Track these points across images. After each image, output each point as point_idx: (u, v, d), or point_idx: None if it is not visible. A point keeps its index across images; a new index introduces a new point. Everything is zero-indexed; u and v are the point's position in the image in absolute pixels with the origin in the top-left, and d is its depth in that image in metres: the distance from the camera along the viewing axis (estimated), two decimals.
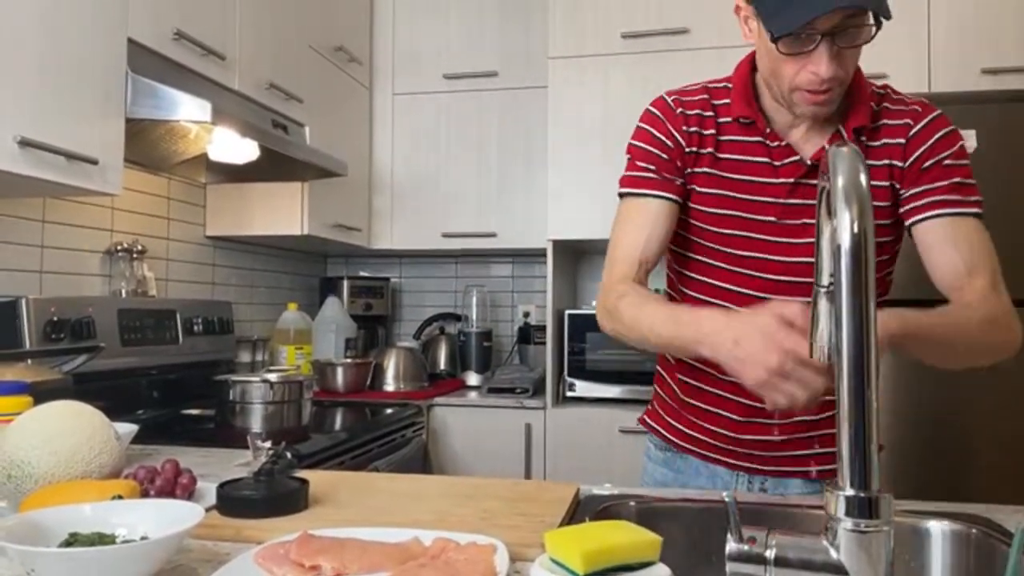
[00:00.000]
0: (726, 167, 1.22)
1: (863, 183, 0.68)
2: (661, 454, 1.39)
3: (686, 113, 1.25)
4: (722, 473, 1.31)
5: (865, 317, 0.66)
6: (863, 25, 1.07)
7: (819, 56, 1.07)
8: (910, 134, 1.18)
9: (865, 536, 0.65)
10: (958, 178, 1.18)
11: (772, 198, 1.20)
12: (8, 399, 1.18)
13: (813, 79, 1.09)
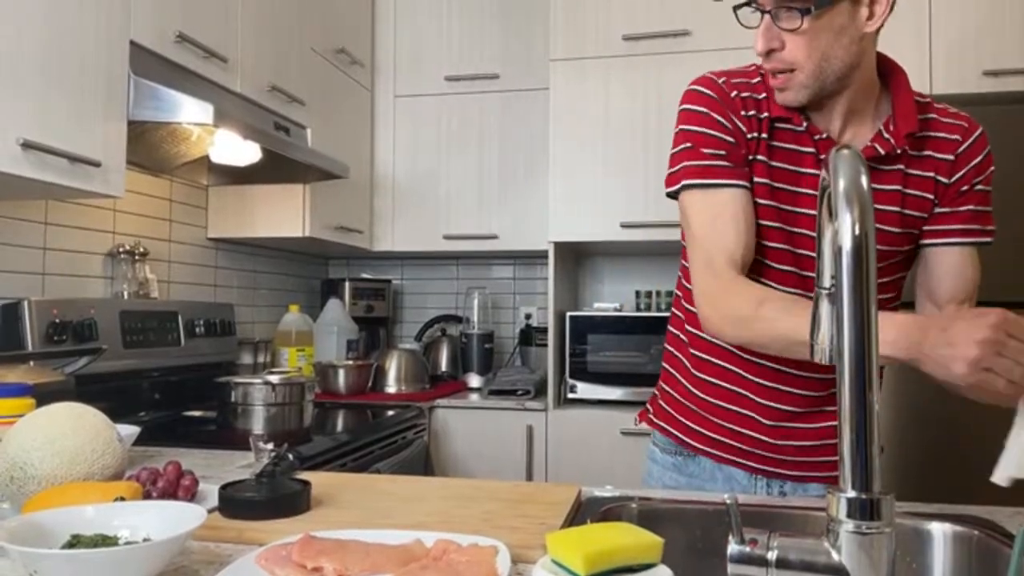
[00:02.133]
0: (779, 156, 1.17)
1: (864, 185, 0.68)
2: (670, 457, 1.34)
3: (741, 96, 1.19)
4: (739, 477, 1.27)
5: (866, 319, 0.67)
6: (790, 7, 1.06)
7: (758, 30, 1.09)
8: (959, 151, 1.18)
9: (867, 538, 0.65)
10: (984, 206, 1.20)
11: (815, 191, 1.15)
12: (11, 401, 1.18)
13: (759, 57, 1.11)
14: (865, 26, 1.09)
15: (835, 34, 1.08)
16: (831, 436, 1.22)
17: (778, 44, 1.10)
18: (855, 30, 1.08)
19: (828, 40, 1.08)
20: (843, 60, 1.10)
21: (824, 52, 1.09)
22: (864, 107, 1.16)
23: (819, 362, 0.84)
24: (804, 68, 1.10)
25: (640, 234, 2.57)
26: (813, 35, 1.08)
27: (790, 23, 1.07)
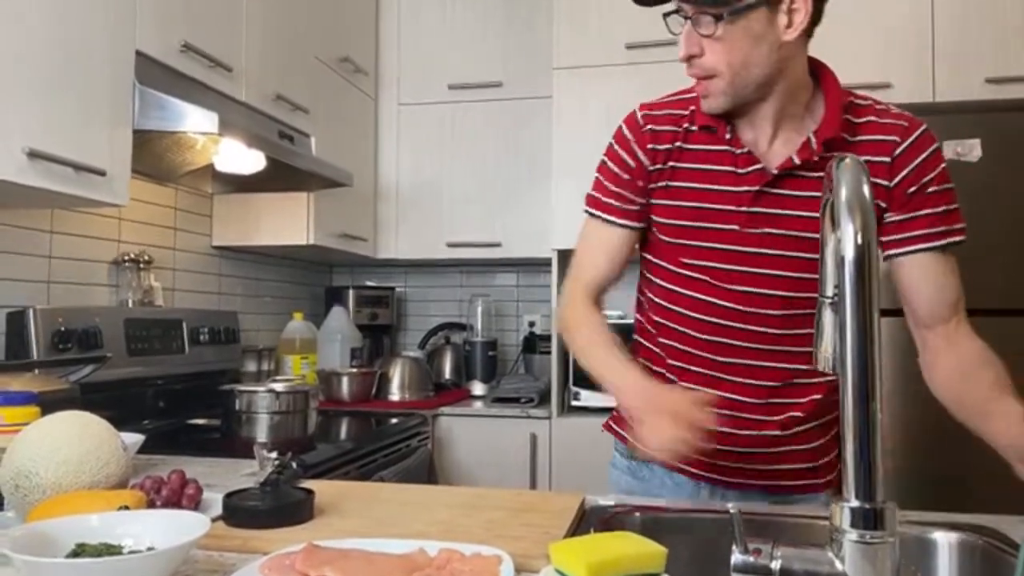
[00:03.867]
0: (689, 176, 1.21)
1: (866, 195, 0.68)
2: (626, 462, 1.38)
3: (654, 129, 1.24)
4: (685, 484, 1.29)
5: (869, 328, 0.67)
6: (705, 13, 1.08)
7: (680, 37, 1.12)
8: (896, 152, 1.15)
9: (870, 547, 0.65)
10: (943, 207, 1.15)
11: (735, 207, 1.17)
12: (16, 409, 1.18)
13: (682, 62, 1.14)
14: (784, 34, 1.09)
15: (752, 41, 1.08)
16: (768, 444, 1.23)
17: (698, 50, 1.12)
18: (774, 38, 1.08)
19: (745, 47, 1.09)
20: (762, 68, 1.10)
21: (742, 59, 1.09)
22: (795, 113, 1.16)
23: (822, 371, 0.84)
24: (723, 75, 1.11)
25: None
26: (730, 42, 1.09)
27: (707, 29, 1.08)
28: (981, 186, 2.23)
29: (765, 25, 1.07)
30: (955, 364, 1.21)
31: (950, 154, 2.24)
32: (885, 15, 2.44)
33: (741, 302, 1.19)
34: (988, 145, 2.23)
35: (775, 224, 1.16)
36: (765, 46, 1.08)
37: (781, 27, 1.08)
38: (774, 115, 1.15)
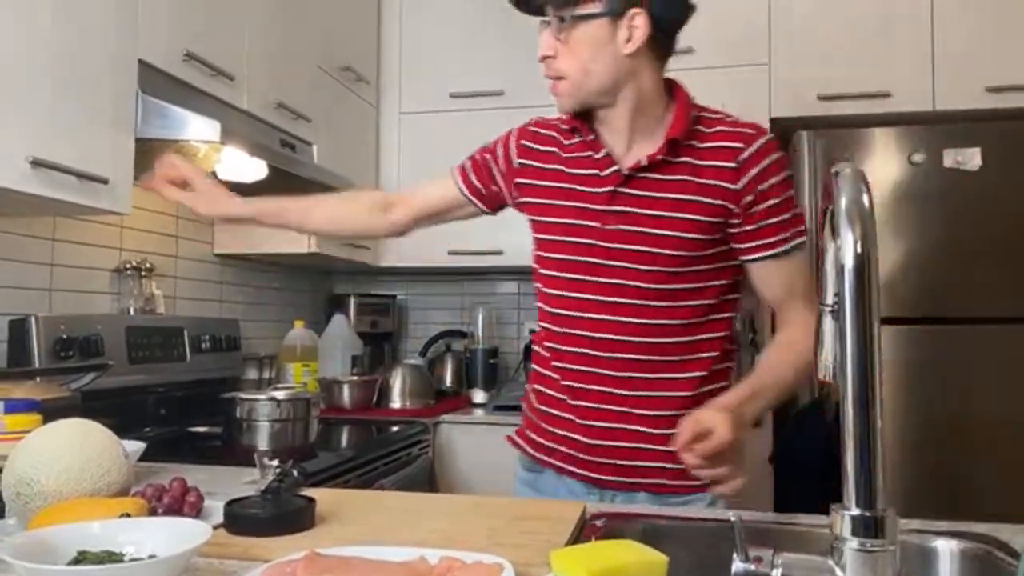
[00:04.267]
0: (559, 177, 1.31)
1: (866, 204, 0.69)
2: (526, 473, 1.41)
3: (536, 132, 1.37)
4: (577, 489, 1.31)
5: (869, 336, 0.67)
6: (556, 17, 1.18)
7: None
8: (740, 157, 1.21)
9: (871, 556, 0.65)
10: (783, 215, 1.22)
11: (596, 205, 1.26)
12: (18, 417, 1.19)
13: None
14: (624, 48, 1.18)
15: (594, 49, 1.18)
16: (646, 441, 1.26)
17: (552, 53, 1.22)
18: (615, 49, 1.18)
19: (588, 53, 1.19)
20: (603, 75, 1.20)
21: (584, 65, 1.19)
22: (647, 125, 1.24)
23: (822, 379, 0.84)
24: (568, 77, 1.21)
25: None
26: (575, 47, 1.19)
27: (557, 32, 1.20)
28: (981, 195, 2.23)
29: (607, 36, 1.18)
30: (782, 335, 1.31)
31: (950, 163, 2.25)
32: (885, 24, 2.45)
33: (605, 293, 1.25)
34: (988, 154, 2.23)
35: (629, 222, 1.24)
36: (607, 55, 1.18)
37: (622, 40, 1.18)
38: (628, 124, 1.24)
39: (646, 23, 1.17)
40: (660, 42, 1.21)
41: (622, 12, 1.17)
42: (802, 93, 2.49)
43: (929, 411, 2.22)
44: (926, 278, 2.25)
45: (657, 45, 1.21)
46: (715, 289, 1.27)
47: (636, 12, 1.17)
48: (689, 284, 1.24)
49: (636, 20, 1.17)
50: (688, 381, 1.26)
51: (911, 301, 2.25)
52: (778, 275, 1.25)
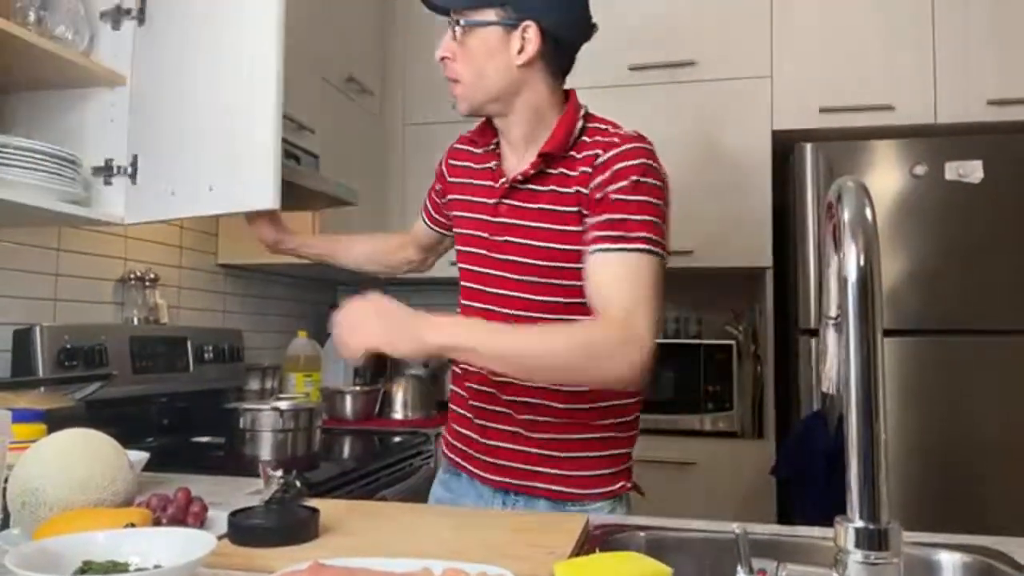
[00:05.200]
0: (466, 190, 1.37)
1: (869, 217, 0.69)
2: (444, 475, 1.45)
3: (456, 148, 1.44)
4: (485, 492, 1.34)
5: (872, 348, 0.67)
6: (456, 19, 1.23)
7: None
8: (597, 161, 1.21)
9: (875, 568, 0.65)
10: (623, 214, 1.17)
11: (486, 216, 1.32)
12: (23, 427, 1.19)
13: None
14: (516, 59, 1.22)
15: (487, 55, 1.23)
16: (535, 446, 1.28)
17: (450, 55, 1.26)
18: (508, 58, 1.22)
19: (482, 59, 1.23)
20: (495, 82, 1.24)
21: (478, 69, 1.24)
22: (540, 138, 1.27)
23: (825, 391, 0.84)
24: (463, 80, 1.26)
25: None
26: (470, 52, 1.24)
27: (455, 36, 1.24)
28: (983, 207, 2.23)
29: (499, 45, 1.22)
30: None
31: (952, 175, 2.25)
32: (887, 37, 2.46)
33: (492, 302, 1.29)
34: (990, 166, 2.24)
35: (511, 233, 1.28)
36: (499, 63, 1.23)
37: (514, 51, 1.22)
38: (522, 135, 1.29)
39: (538, 36, 1.21)
40: (554, 57, 1.24)
41: (515, 24, 1.21)
42: (804, 105, 2.50)
43: (932, 423, 2.21)
44: (928, 290, 2.25)
45: (551, 59, 1.24)
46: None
47: (528, 25, 1.20)
48: (565, 298, 1.24)
49: (528, 32, 1.21)
50: (571, 392, 1.26)
51: (914, 313, 2.25)
52: (603, 273, 1.18)
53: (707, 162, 2.55)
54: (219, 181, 1.53)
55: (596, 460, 1.28)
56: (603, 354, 1.12)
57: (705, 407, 2.56)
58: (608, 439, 1.29)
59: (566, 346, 1.12)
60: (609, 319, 1.14)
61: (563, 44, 1.25)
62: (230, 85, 1.54)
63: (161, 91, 1.61)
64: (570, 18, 1.25)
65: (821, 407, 2.25)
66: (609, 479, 1.29)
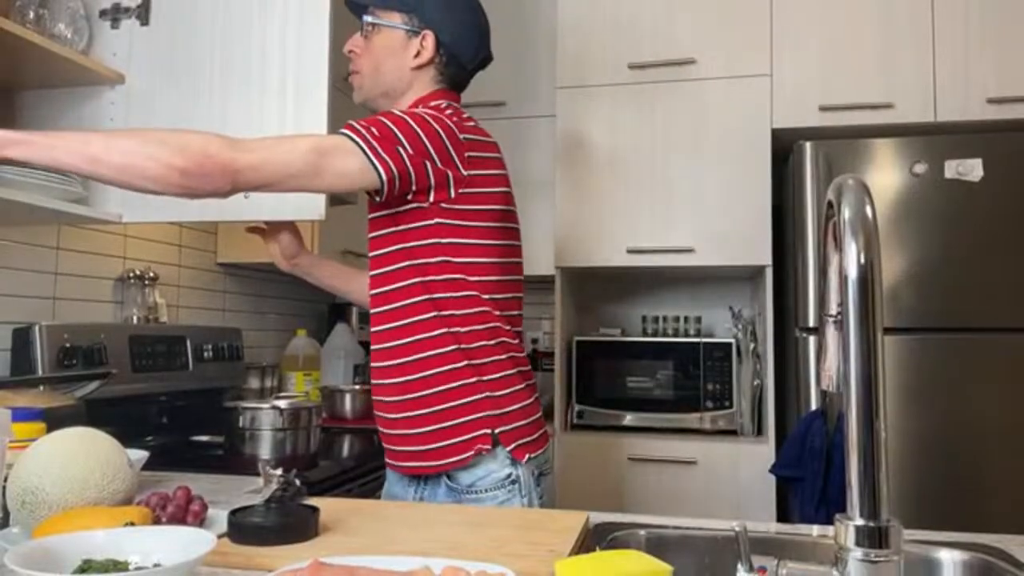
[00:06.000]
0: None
1: (869, 215, 0.69)
2: (392, 474, 1.49)
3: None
4: (403, 477, 1.41)
5: (872, 346, 0.67)
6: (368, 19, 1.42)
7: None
8: None
9: (875, 566, 0.65)
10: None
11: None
12: (22, 425, 1.19)
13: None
14: (411, 61, 1.40)
15: (387, 52, 1.41)
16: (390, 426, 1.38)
17: (356, 50, 1.44)
18: (404, 59, 1.41)
19: (381, 56, 1.41)
20: (391, 77, 1.42)
21: (376, 64, 1.42)
22: None
23: (825, 389, 0.84)
24: (362, 72, 1.44)
25: (646, 260, 2.58)
26: (374, 48, 1.42)
27: (364, 34, 1.43)
28: (982, 205, 2.23)
29: (400, 46, 1.41)
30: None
31: (951, 174, 2.25)
32: (887, 35, 2.46)
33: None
34: (989, 165, 2.24)
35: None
36: (397, 61, 1.41)
37: (411, 55, 1.40)
38: None
39: (434, 46, 1.40)
40: (446, 68, 1.43)
41: (417, 31, 1.40)
42: (804, 104, 2.50)
43: (932, 421, 2.22)
44: (928, 288, 2.25)
45: (444, 69, 1.43)
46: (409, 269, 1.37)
47: (427, 34, 1.40)
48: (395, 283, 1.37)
49: (426, 41, 1.40)
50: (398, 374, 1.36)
51: (913, 311, 2.25)
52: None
53: (706, 160, 2.55)
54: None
55: (441, 431, 1.34)
56: (169, 140, 1.12)
57: (705, 405, 2.56)
58: (449, 409, 1.33)
59: (129, 133, 1.21)
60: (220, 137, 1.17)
61: (456, 60, 1.43)
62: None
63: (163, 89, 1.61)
64: (466, 39, 1.43)
65: (821, 405, 2.26)
66: (461, 446, 1.33)
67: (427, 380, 1.33)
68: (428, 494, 1.38)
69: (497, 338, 1.36)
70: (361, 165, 1.23)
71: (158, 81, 1.61)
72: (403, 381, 1.35)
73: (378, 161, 1.23)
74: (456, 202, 1.32)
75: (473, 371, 1.33)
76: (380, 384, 1.40)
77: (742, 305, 2.89)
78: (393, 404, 1.37)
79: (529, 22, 2.95)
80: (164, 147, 1.10)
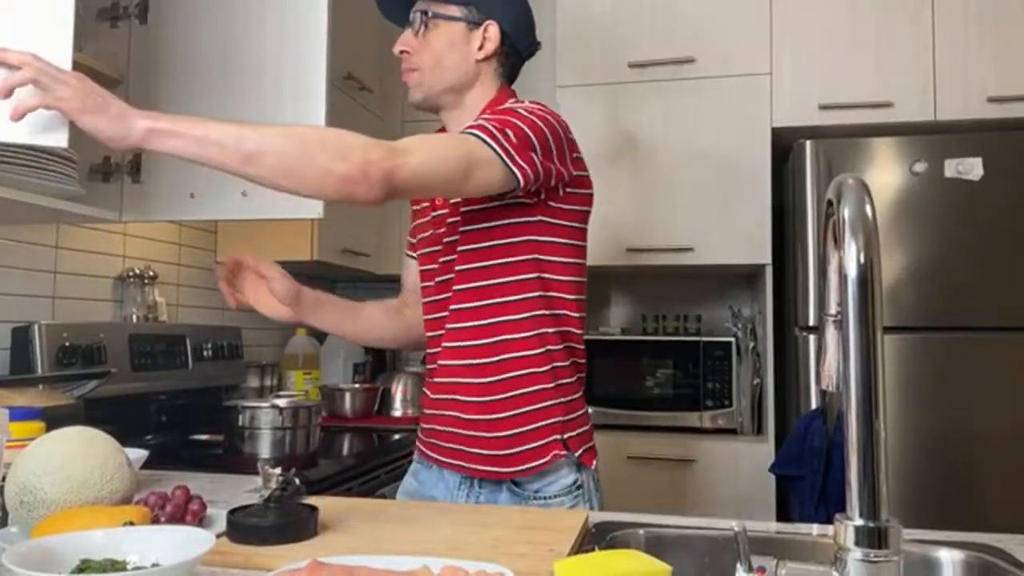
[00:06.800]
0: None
1: (869, 214, 0.69)
2: (415, 465, 1.47)
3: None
4: (449, 479, 1.36)
5: (872, 346, 0.67)
6: (422, 12, 1.34)
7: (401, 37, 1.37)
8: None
9: (875, 566, 0.65)
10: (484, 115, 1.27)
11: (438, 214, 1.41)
12: (21, 425, 1.19)
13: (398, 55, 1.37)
14: (475, 54, 1.34)
15: (448, 46, 1.34)
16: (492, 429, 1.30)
17: (409, 48, 1.35)
18: (468, 51, 1.34)
19: (442, 48, 1.34)
20: (453, 72, 1.34)
21: (437, 58, 1.34)
22: None
23: (825, 389, 0.84)
24: (421, 68, 1.35)
25: (646, 259, 2.58)
26: (433, 42, 1.34)
27: (417, 30, 1.35)
28: (982, 204, 2.23)
29: (462, 38, 1.34)
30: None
31: (951, 173, 2.25)
32: (886, 34, 2.46)
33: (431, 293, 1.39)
34: (989, 164, 2.24)
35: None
36: (458, 55, 1.34)
37: (475, 47, 1.34)
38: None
39: (498, 36, 1.34)
40: (507, 59, 1.37)
41: (479, 22, 1.34)
42: (803, 103, 2.50)
43: (932, 420, 2.21)
44: (928, 287, 2.25)
45: (505, 61, 1.37)
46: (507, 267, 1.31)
47: (491, 24, 1.34)
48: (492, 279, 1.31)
49: (490, 31, 1.34)
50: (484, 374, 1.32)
51: (913, 310, 2.25)
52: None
53: (706, 159, 2.55)
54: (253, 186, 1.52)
55: (520, 436, 1.29)
56: (328, 142, 1.07)
57: (704, 404, 2.56)
58: (528, 413, 1.29)
59: (285, 131, 1.08)
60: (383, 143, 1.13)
61: (516, 50, 1.38)
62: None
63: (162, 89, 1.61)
64: (526, 27, 1.38)
65: (820, 404, 2.25)
66: (537, 452, 1.29)
67: (514, 381, 1.28)
68: (486, 498, 1.32)
69: (567, 342, 1.33)
70: (502, 175, 1.18)
71: (157, 81, 1.61)
72: (490, 381, 1.29)
73: (517, 170, 1.19)
74: (562, 201, 1.29)
75: (552, 375, 1.30)
76: (459, 383, 1.32)
77: (742, 304, 2.89)
78: (474, 405, 1.31)
79: None
80: (324, 151, 1.05)
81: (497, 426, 1.29)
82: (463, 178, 1.15)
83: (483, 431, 1.30)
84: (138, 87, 1.62)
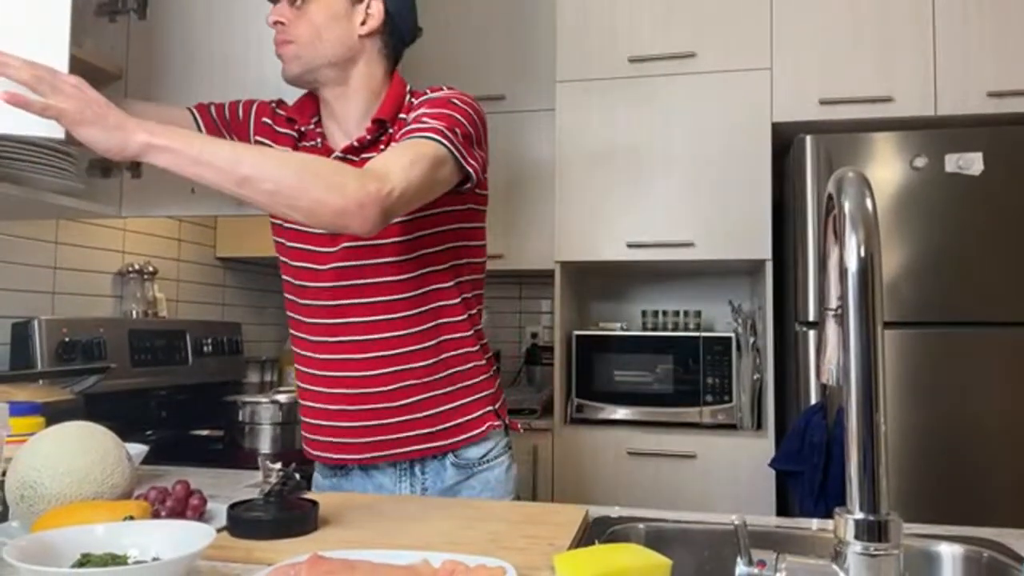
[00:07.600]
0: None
1: (869, 208, 0.69)
2: (329, 481, 1.38)
3: (277, 112, 1.40)
4: (381, 477, 1.34)
5: (872, 340, 0.67)
6: None
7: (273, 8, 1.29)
8: (412, 108, 1.29)
9: (874, 560, 0.65)
10: (422, 119, 1.22)
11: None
12: (21, 420, 1.19)
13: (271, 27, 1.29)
14: (358, 29, 1.28)
15: (329, 18, 1.27)
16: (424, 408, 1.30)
17: (284, 19, 1.28)
18: (350, 26, 1.28)
19: (322, 21, 1.26)
20: (334, 46, 1.27)
21: (317, 31, 1.26)
22: (367, 114, 1.31)
23: (825, 383, 0.84)
24: (298, 41, 1.27)
25: (646, 254, 2.58)
26: (312, 14, 1.26)
27: (293, 2, 1.27)
28: (983, 199, 2.23)
29: (344, 11, 1.27)
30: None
31: (952, 167, 2.25)
32: (887, 29, 2.45)
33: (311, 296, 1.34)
34: (989, 158, 2.23)
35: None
36: (340, 29, 1.27)
37: (357, 22, 1.28)
38: (362, 112, 1.31)
39: (381, 14, 1.29)
40: (391, 38, 1.33)
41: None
42: (804, 97, 2.49)
43: (932, 415, 2.21)
44: (928, 282, 2.25)
45: (388, 39, 1.33)
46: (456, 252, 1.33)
47: (374, 0, 1.28)
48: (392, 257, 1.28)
49: (373, 7, 1.28)
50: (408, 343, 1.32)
51: (914, 305, 2.25)
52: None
53: (706, 154, 2.55)
54: None
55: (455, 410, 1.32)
56: (323, 174, 1.06)
57: (704, 399, 2.56)
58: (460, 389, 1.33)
59: (281, 159, 1.10)
60: (377, 164, 1.12)
61: (399, 31, 1.34)
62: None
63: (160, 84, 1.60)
64: (406, 11, 1.34)
65: (821, 399, 2.25)
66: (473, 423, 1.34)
67: (448, 361, 1.31)
68: (432, 480, 1.33)
69: (482, 319, 1.40)
70: (458, 173, 1.21)
71: (156, 76, 1.60)
72: (426, 365, 1.29)
73: (470, 168, 1.21)
74: (480, 187, 1.32)
75: (482, 353, 1.37)
76: (401, 370, 1.29)
77: (742, 299, 2.89)
78: (401, 390, 1.29)
79: (529, 16, 2.94)
80: (319, 182, 1.04)
81: (427, 404, 1.31)
82: (430, 186, 1.16)
83: (408, 414, 1.30)
84: (137, 82, 1.61)
